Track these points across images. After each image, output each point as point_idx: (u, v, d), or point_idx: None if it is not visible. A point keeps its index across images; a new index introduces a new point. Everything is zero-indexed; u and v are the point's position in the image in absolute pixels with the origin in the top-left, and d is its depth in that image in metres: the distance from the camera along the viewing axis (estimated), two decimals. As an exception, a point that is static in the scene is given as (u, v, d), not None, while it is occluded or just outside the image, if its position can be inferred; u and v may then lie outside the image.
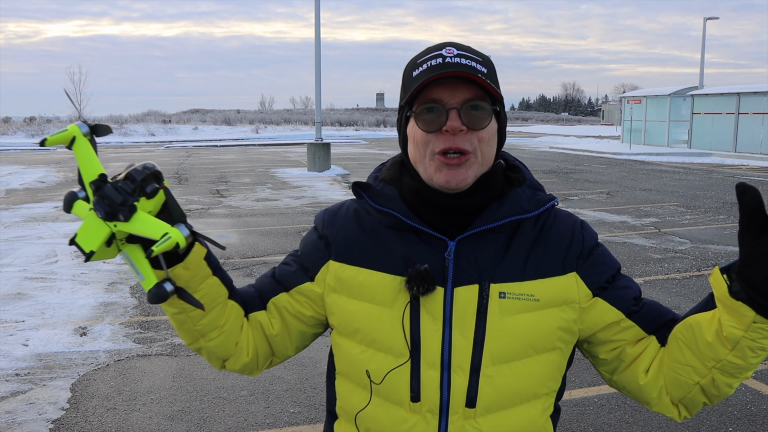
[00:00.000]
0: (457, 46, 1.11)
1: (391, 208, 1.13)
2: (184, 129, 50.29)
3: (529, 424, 1.13)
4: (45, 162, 24.03)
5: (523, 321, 1.10)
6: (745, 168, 20.49)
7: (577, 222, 1.19)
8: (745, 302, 0.97)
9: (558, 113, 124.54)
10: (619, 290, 1.15)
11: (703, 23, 30.65)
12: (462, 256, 1.10)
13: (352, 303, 1.15)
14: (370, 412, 1.13)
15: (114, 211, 0.97)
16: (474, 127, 1.07)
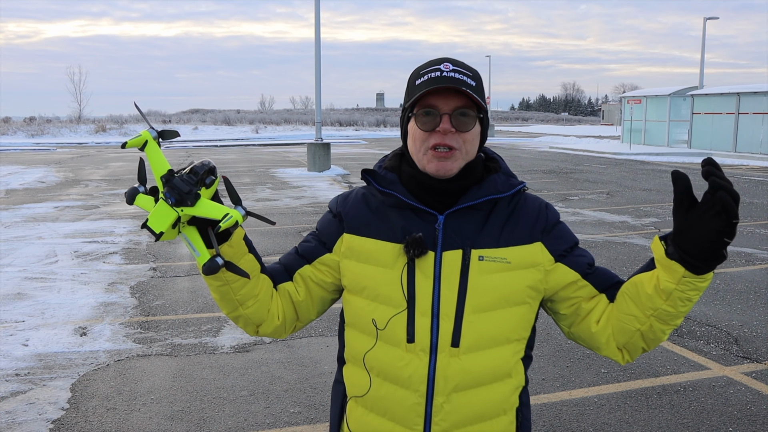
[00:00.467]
0: (453, 62, 1.39)
1: (393, 190, 1.42)
2: (184, 129, 50.26)
3: (503, 363, 1.39)
4: (45, 162, 24.03)
5: (498, 279, 1.37)
6: (745, 168, 20.48)
7: (543, 203, 1.47)
8: (677, 261, 1.23)
9: (558, 113, 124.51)
10: (577, 257, 1.44)
11: (703, 23, 30.65)
12: (449, 227, 1.38)
13: (360, 266, 1.42)
14: (375, 353, 1.39)
15: (182, 199, 1.21)
16: (461, 129, 1.36)
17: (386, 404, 1.38)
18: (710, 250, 1.19)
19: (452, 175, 1.38)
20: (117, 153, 29.94)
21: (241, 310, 1.41)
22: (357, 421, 1.43)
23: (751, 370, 4.48)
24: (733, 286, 6.57)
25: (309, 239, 1.52)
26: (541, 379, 4.36)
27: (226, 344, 5.04)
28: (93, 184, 16.50)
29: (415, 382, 1.35)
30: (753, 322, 5.49)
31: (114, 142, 40.15)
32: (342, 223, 1.47)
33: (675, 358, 4.70)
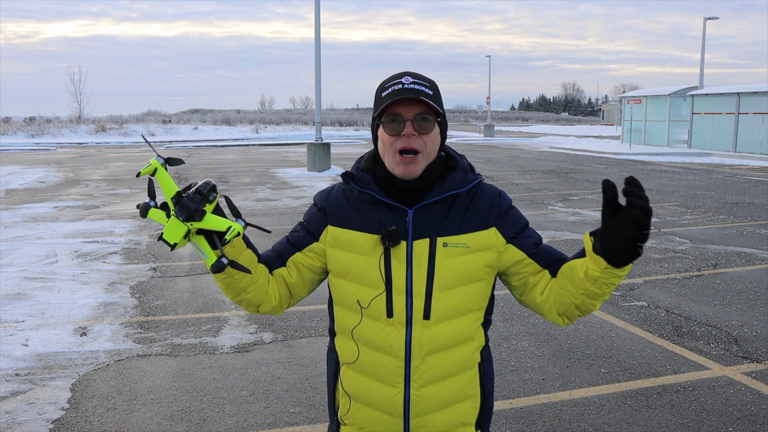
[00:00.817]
0: (413, 76, 1.62)
1: (369, 189, 1.65)
2: (184, 129, 50.27)
3: (465, 329, 1.67)
4: (45, 162, 24.03)
5: (459, 261, 1.63)
6: (745, 168, 20.48)
7: (497, 192, 1.71)
8: (601, 256, 1.50)
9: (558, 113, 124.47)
10: (525, 239, 1.70)
11: (703, 23, 30.64)
12: (417, 220, 1.63)
13: (344, 254, 1.67)
14: (361, 327, 1.65)
15: (191, 215, 1.45)
16: (422, 132, 1.59)
17: (372, 368, 1.65)
18: (627, 250, 1.45)
19: (416, 176, 1.61)
20: (117, 153, 29.95)
21: (244, 295, 1.67)
22: (349, 383, 1.70)
23: (751, 370, 4.48)
24: (733, 286, 6.57)
25: (298, 229, 1.76)
26: (541, 379, 4.36)
27: (226, 344, 5.04)
28: (93, 184, 16.50)
29: (395, 349, 1.62)
30: (753, 322, 5.49)
31: (114, 142, 40.15)
32: (326, 216, 1.71)
33: (675, 358, 4.70)
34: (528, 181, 16.56)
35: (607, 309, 5.87)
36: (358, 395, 1.68)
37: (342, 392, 1.72)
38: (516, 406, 3.96)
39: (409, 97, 1.55)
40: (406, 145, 1.57)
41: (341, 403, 1.73)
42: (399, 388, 1.63)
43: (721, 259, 7.78)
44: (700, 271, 7.23)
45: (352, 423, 1.71)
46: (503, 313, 5.72)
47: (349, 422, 1.72)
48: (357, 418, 1.70)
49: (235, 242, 1.57)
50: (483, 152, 28.22)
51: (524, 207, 11.95)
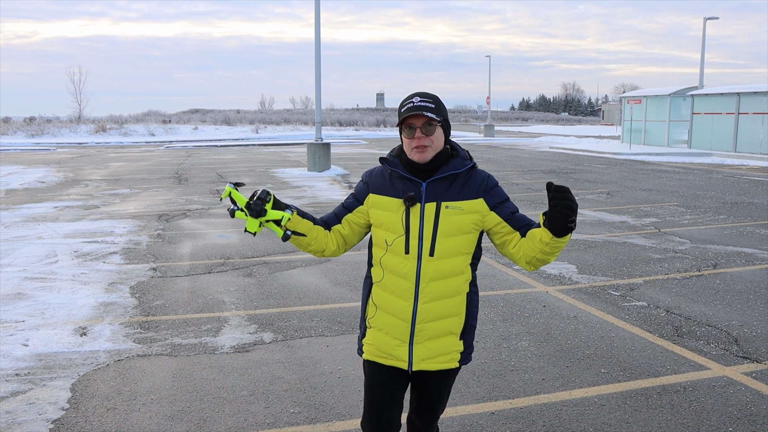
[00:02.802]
0: (421, 96, 2.38)
1: (397, 168, 2.42)
2: (184, 129, 50.24)
3: (458, 265, 2.41)
4: (45, 162, 24.02)
5: (456, 219, 2.37)
6: (745, 168, 20.47)
7: (486, 175, 2.44)
8: (548, 229, 2.22)
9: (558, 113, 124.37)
10: (504, 208, 2.42)
11: (703, 23, 30.62)
12: (429, 189, 2.38)
13: (379, 212, 2.45)
14: (386, 258, 2.43)
15: (259, 214, 2.29)
16: (428, 134, 2.34)
17: (393, 287, 2.42)
18: (561, 229, 2.18)
19: (427, 161, 2.36)
20: (117, 153, 29.95)
21: (309, 248, 2.49)
22: (378, 296, 2.47)
23: (751, 370, 4.48)
24: (733, 286, 6.56)
25: (350, 198, 2.55)
26: (541, 379, 4.36)
27: (226, 344, 5.03)
28: (93, 184, 16.50)
29: (409, 275, 2.39)
30: (753, 322, 5.49)
31: (114, 142, 40.13)
32: (368, 187, 2.51)
33: (675, 358, 4.70)
34: (528, 181, 16.56)
35: (607, 309, 5.87)
36: (382, 305, 2.46)
37: (371, 304, 2.50)
38: (516, 406, 3.96)
39: (418, 114, 2.32)
40: (418, 143, 2.33)
41: (370, 311, 2.51)
42: (410, 302, 2.39)
43: (721, 259, 7.78)
44: (700, 271, 7.22)
45: (375, 325, 2.48)
46: (503, 313, 5.72)
47: (374, 325, 2.49)
48: (380, 322, 2.46)
49: (293, 219, 2.37)
50: (483, 152, 28.21)
51: (524, 207, 11.95)
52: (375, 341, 2.47)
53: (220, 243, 8.82)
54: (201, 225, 10.27)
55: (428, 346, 2.41)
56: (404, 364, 2.42)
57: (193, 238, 9.20)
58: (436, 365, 2.43)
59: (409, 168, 2.39)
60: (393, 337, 2.42)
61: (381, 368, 2.48)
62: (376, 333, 2.47)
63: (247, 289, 6.51)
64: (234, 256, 7.97)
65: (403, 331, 2.40)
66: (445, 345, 2.42)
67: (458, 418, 3.81)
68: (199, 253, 8.21)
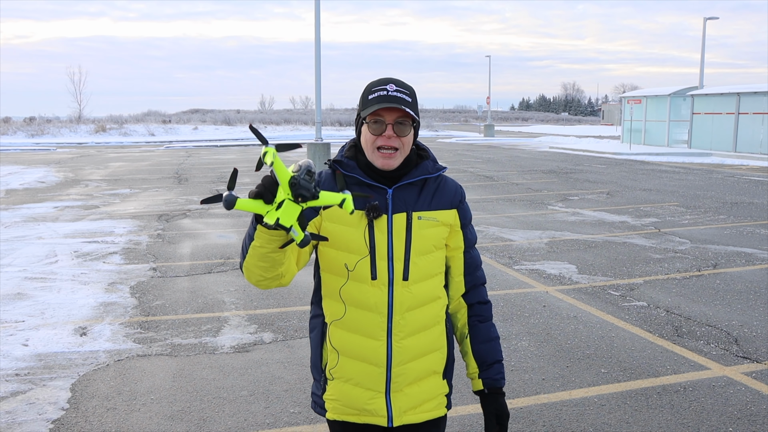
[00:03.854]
0: (396, 83, 1.89)
1: (354, 173, 1.92)
2: (184, 129, 50.26)
3: (434, 288, 1.98)
4: (45, 162, 24.02)
5: (430, 232, 1.94)
6: (745, 168, 20.47)
7: (457, 184, 2.04)
8: (479, 394, 2.09)
9: (558, 113, 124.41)
10: (470, 232, 2.05)
11: (703, 23, 30.62)
12: (396, 197, 1.92)
13: (333, 225, 1.90)
14: (348, 288, 1.91)
15: (311, 195, 1.51)
16: (400, 135, 1.87)
17: (358, 324, 1.91)
18: None
19: (394, 168, 1.90)
20: (117, 153, 29.94)
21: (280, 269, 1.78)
22: (337, 339, 1.95)
23: (751, 370, 4.48)
24: (733, 286, 6.57)
25: None
26: (541, 379, 4.36)
27: (226, 344, 5.03)
28: (93, 184, 16.50)
29: (379, 306, 1.89)
30: (753, 322, 5.49)
31: (114, 142, 40.13)
32: None
33: (675, 358, 4.70)
34: (528, 181, 16.56)
35: (607, 309, 5.87)
36: (345, 350, 1.93)
37: (330, 349, 1.97)
38: (516, 406, 3.96)
39: (391, 107, 1.84)
40: (385, 144, 1.86)
41: (329, 359, 1.98)
42: (382, 340, 1.90)
43: (721, 259, 7.78)
44: (700, 271, 7.22)
45: (339, 376, 1.95)
46: (503, 314, 5.72)
47: (337, 375, 1.96)
48: (344, 371, 1.94)
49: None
50: (483, 152, 28.21)
51: (524, 207, 11.96)
52: (341, 396, 1.95)
53: (220, 243, 8.82)
54: (201, 225, 10.27)
55: (410, 393, 1.94)
56: (383, 419, 1.93)
57: (193, 238, 9.20)
58: (423, 415, 1.97)
59: (368, 171, 1.92)
60: (365, 388, 1.92)
61: (353, 429, 1.98)
62: (341, 386, 1.95)
63: (247, 289, 6.51)
64: (234, 256, 7.97)
65: (377, 378, 1.91)
66: (429, 388, 1.98)
67: (458, 418, 3.81)
68: (199, 253, 8.21)
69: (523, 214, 11.24)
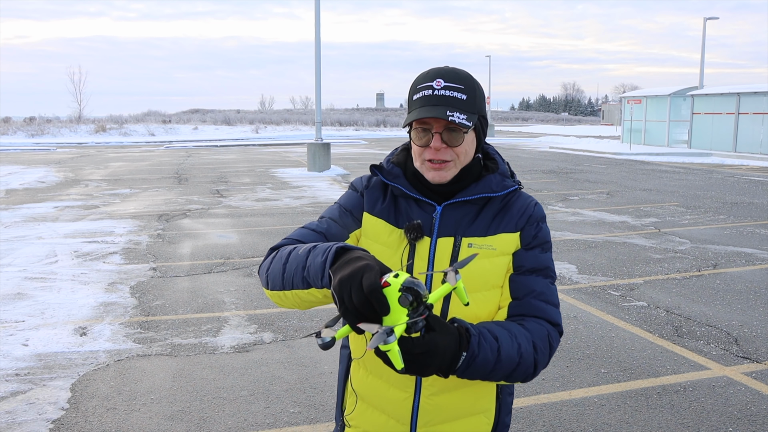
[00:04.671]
0: (445, 77, 1.49)
1: (397, 183, 1.57)
2: (184, 129, 50.25)
3: None
4: (45, 162, 24.03)
5: (483, 264, 1.51)
6: (745, 168, 20.48)
7: (533, 201, 1.60)
8: None
9: (558, 113, 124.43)
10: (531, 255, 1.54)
11: (703, 23, 30.63)
12: (445, 216, 1.54)
13: (369, 242, 1.57)
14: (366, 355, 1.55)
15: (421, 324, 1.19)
16: (451, 144, 1.49)
17: (382, 368, 1.54)
18: None
19: (447, 181, 1.53)
20: (117, 153, 29.94)
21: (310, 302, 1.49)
22: (359, 381, 1.62)
23: (751, 370, 4.48)
24: (733, 286, 6.57)
25: (338, 212, 1.63)
26: (541, 379, 4.36)
27: (226, 344, 5.03)
28: (93, 184, 16.50)
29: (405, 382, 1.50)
30: (753, 322, 5.49)
31: (114, 142, 40.13)
32: (363, 201, 1.62)
33: (675, 358, 4.70)
34: (528, 181, 16.56)
35: (607, 309, 5.87)
36: (365, 395, 1.60)
37: (350, 391, 1.65)
38: (516, 406, 3.96)
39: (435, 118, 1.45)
40: (434, 156, 1.49)
41: (348, 402, 1.66)
42: (409, 393, 1.53)
43: (721, 259, 7.78)
44: (700, 271, 7.22)
45: (356, 425, 1.63)
46: (503, 313, 5.72)
47: (353, 423, 1.64)
48: (362, 420, 1.61)
49: None
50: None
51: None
52: None
53: (220, 243, 8.82)
54: (201, 225, 10.27)
55: None
56: None
57: (193, 238, 9.20)
58: None
59: (416, 182, 1.57)
60: None
61: None
62: None
63: (247, 289, 6.51)
64: (234, 256, 7.97)
65: None
66: None
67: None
68: (199, 253, 8.21)
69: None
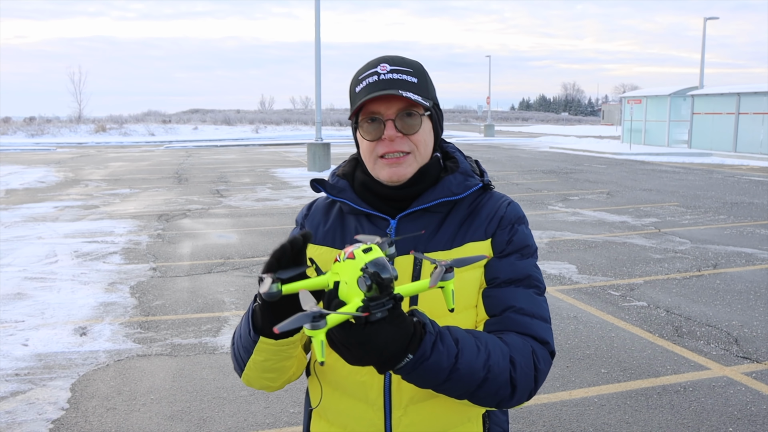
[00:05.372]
0: (390, 62, 1.33)
1: (343, 198, 1.38)
2: (184, 129, 50.25)
3: None
4: (45, 162, 24.02)
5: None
6: (745, 168, 20.48)
7: (506, 200, 1.39)
8: None
9: (558, 113, 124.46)
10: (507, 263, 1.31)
11: (704, 23, 30.63)
12: (401, 231, 1.33)
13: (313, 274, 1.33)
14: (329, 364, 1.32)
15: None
16: (408, 132, 1.30)
17: (344, 418, 1.33)
18: None
19: (406, 179, 1.32)
20: (117, 153, 29.94)
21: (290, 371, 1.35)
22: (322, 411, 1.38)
23: (751, 370, 4.48)
24: (733, 286, 6.57)
25: None
26: (541, 379, 4.36)
27: (226, 344, 5.03)
28: (93, 184, 16.50)
29: (371, 396, 1.29)
30: (753, 322, 5.49)
31: (114, 142, 40.13)
32: None
33: (675, 358, 4.70)
34: (528, 181, 16.56)
35: (607, 309, 5.87)
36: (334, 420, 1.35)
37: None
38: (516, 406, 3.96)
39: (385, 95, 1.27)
40: (389, 149, 1.29)
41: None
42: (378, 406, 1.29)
43: (721, 259, 7.78)
44: (700, 271, 7.22)
45: None
46: (503, 313, 5.72)
47: None
48: None
49: None
50: (483, 152, 28.20)
51: (525, 207, 11.94)
52: None
53: (220, 243, 8.82)
54: (201, 225, 10.27)
55: None
56: None
57: (193, 238, 9.20)
58: None
59: (365, 195, 1.37)
60: None
61: None
62: None
63: (247, 289, 6.51)
64: (234, 256, 7.97)
65: None
66: None
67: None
68: (199, 253, 8.21)
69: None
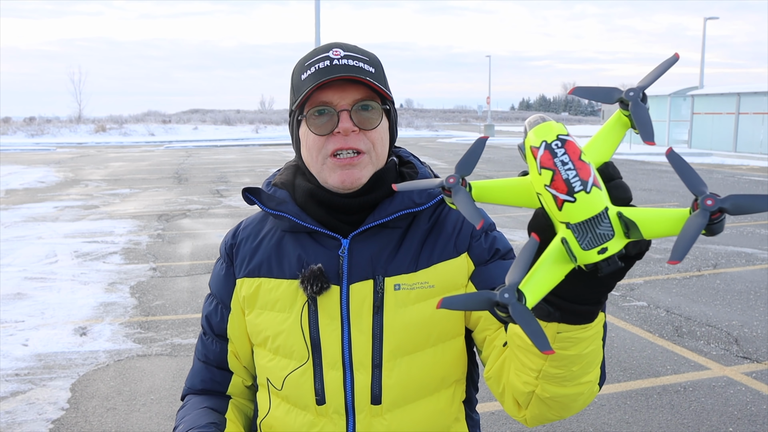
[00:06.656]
0: (344, 47, 1.13)
1: (282, 211, 1.15)
2: (184, 129, 50.26)
3: (439, 414, 1.12)
4: (45, 162, 24.03)
5: (420, 310, 1.10)
6: (745, 168, 20.48)
7: None
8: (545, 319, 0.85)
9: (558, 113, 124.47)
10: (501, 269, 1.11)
11: (703, 23, 30.63)
12: (356, 252, 1.11)
13: (256, 313, 1.17)
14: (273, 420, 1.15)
15: None
16: (365, 127, 1.10)
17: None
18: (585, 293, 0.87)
19: (361, 185, 1.10)
20: (117, 153, 29.94)
21: None
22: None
23: (751, 370, 4.48)
24: (733, 286, 6.57)
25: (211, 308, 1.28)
26: (541, 379, 4.36)
27: (226, 344, 5.03)
28: (93, 184, 16.50)
29: None
30: (753, 322, 5.49)
31: (114, 142, 40.13)
32: (231, 268, 1.22)
33: (675, 358, 4.70)
34: (528, 181, 16.56)
35: (607, 309, 5.86)
36: None
37: None
38: (516, 406, 3.96)
39: (342, 77, 1.06)
40: (343, 145, 1.08)
41: None
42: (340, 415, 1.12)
43: (721, 259, 7.78)
44: (700, 271, 7.23)
45: None
46: (503, 313, 5.72)
47: None
48: None
49: None
50: (483, 152, 28.21)
51: (524, 208, 11.94)
52: None
53: (220, 243, 8.82)
54: (201, 225, 10.27)
55: None
56: None
57: (193, 238, 9.21)
58: None
59: (311, 207, 1.15)
60: None
61: None
62: None
63: (247, 289, 6.51)
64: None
65: None
66: None
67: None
68: (199, 253, 8.21)
69: (523, 214, 11.24)
